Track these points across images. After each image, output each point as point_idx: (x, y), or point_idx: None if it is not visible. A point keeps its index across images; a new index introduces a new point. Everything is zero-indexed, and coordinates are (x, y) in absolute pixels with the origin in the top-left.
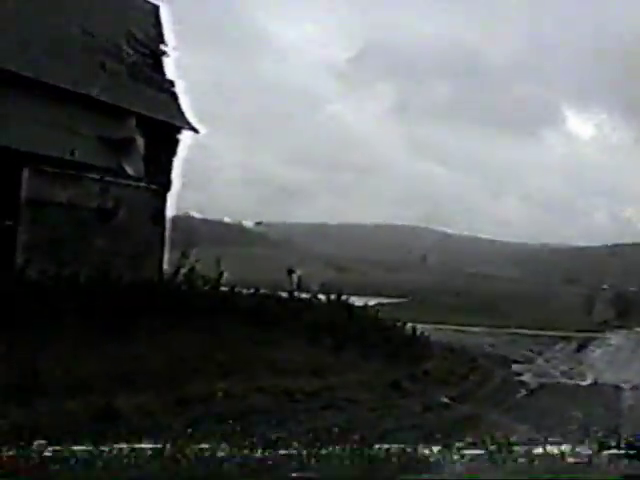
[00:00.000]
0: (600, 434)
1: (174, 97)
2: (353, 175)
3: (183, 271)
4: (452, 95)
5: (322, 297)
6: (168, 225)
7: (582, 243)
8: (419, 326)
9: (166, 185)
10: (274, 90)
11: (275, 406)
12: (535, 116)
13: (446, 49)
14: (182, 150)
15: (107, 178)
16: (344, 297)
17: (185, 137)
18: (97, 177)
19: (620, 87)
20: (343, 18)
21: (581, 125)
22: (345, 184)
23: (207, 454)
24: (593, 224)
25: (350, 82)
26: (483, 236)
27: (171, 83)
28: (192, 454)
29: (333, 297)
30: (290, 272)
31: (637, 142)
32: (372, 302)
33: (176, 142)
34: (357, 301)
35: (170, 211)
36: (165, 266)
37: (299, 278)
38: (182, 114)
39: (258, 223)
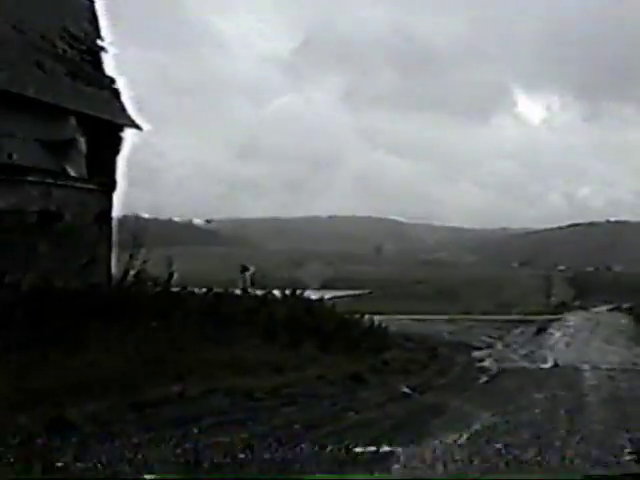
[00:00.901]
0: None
1: (115, 94)
2: (304, 167)
3: (132, 273)
4: (400, 82)
5: (277, 293)
6: (115, 226)
7: (538, 225)
8: (377, 317)
9: (111, 185)
10: (220, 85)
11: (233, 406)
12: (486, 101)
13: (391, 36)
14: (126, 149)
15: (48, 181)
16: (300, 292)
17: (129, 135)
18: (38, 180)
19: (569, 67)
20: (284, 8)
21: (532, 107)
22: (296, 177)
23: None
24: (548, 206)
25: (297, 73)
26: (438, 223)
27: (111, 80)
28: None
29: (288, 292)
30: (243, 269)
31: (585, 122)
32: (329, 295)
33: (119, 141)
34: (313, 295)
35: (116, 212)
36: (113, 269)
37: (253, 275)
38: (125, 112)
39: (208, 221)
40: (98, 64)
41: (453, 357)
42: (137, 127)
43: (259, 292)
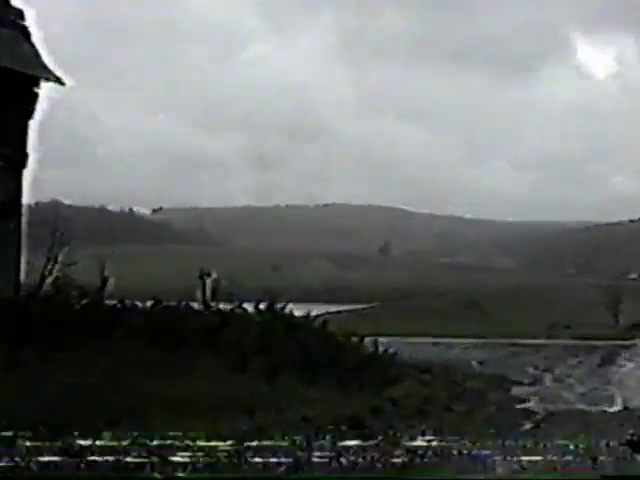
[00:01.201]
0: None
1: (25, 34)
2: (286, 140)
3: (50, 280)
4: (416, 26)
5: (249, 307)
6: (25, 216)
7: (601, 218)
8: (383, 340)
9: (20, 160)
10: (176, 27)
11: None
12: (532, 49)
13: None
14: (42, 110)
15: None
16: (279, 305)
17: (46, 92)
18: None
19: None
20: None
21: (596, 57)
22: (275, 153)
23: None
24: (615, 192)
25: (275, 14)
26: (463, 215)
27: (20, 14)
28: None
29: (264, 306)
30: (203, 275)
31: None
32: (318, 311)
33: (32, 99)
34: (298, 310)
35: (28, 197)
36: (23, 274)
37: (216, 282)
38: (40, 60)
39: (156, 210)
40: None
41: (485, 395)
42: (58, 81)
43: (224, 306)
